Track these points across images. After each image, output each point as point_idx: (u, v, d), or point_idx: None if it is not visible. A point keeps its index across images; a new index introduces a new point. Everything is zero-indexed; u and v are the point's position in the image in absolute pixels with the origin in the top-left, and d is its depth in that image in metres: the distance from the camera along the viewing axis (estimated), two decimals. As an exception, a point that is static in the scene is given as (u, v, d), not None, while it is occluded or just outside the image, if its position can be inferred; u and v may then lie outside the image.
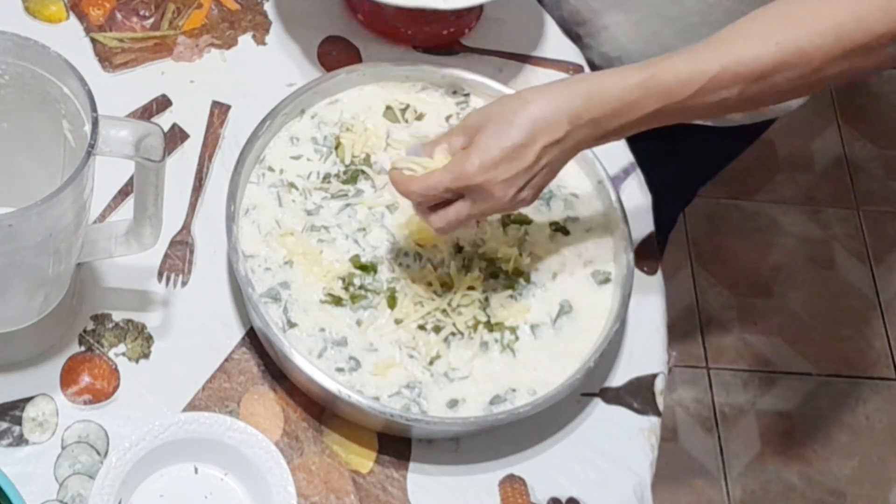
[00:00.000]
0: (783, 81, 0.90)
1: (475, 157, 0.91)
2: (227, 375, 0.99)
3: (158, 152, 0.84)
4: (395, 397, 0.95)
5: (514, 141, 0.90)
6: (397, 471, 0.97)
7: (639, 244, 1.10)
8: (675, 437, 2.03)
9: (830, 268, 2.29)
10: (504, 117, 0.92)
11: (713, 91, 0.90)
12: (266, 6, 1.21)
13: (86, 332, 0.99)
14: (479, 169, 0.91)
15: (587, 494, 0.98)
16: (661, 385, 1.05)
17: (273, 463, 0.91)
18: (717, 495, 1.99)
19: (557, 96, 0.92)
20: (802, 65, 0.89)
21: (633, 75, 0.92)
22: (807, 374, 2.15)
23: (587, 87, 0.93)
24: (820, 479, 2.03)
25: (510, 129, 0.91)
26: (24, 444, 0.94)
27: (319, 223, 1.02)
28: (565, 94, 0.92)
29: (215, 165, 1.10)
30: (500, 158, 0.91)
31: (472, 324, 0.99)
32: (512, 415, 0.95)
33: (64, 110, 0.86)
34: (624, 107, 0.91)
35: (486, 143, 0.91)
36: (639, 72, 0.92)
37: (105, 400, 0.97)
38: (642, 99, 0.91)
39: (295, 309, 0.98)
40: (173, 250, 1.04)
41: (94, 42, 1.15)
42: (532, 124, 0.91)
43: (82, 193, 0.83)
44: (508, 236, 1.05)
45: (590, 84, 0.93)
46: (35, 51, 0.84)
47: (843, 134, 2.46)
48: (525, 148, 0.91)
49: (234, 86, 1.15)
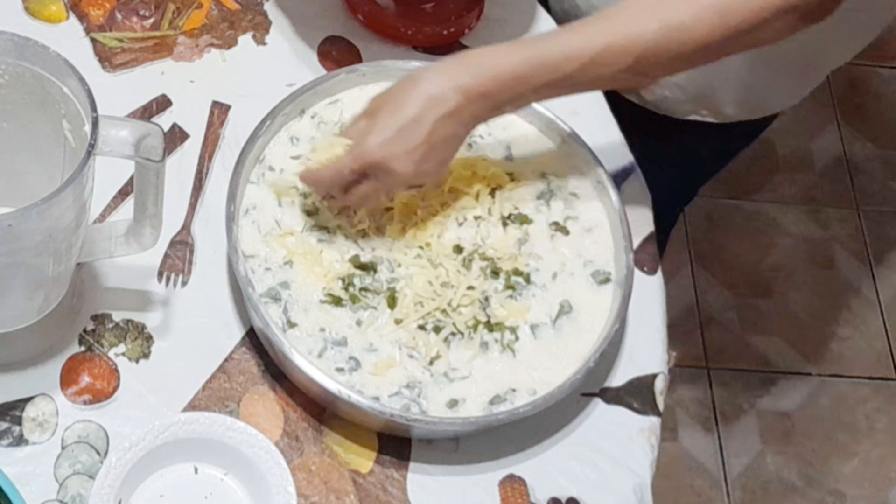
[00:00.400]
0: (672, 57, 0.93)
1: (372, 136, 0.96)
2: (227, 375, 0.99)
3: (158, 152, 0.84)
4: (395, 397, 0.95)
5: (407, 116, 0.95)
6: (397, 471, 0.97)
7: (639, 244, 1.10)
8: (675, 437, 2.03)
9: (830, 268, 2.29)
10: (398, 95, 0.96)
11: (602, 65, 0.93)
12: (266, 6, 1.21)
13: (86, 332, 0.99)
14: (377, 147, 0.95)
15: (587, 494, 0.98)
16: (661, 385, 1.05)
17: (273, 463, 0.91)
18: (717, 495, 1.99)
19: (447, 71, 0.96)
20: (688, 41, 0.92)
21: (521, 50, 0.96)
22: (807, 374, 2.15)
23: (476, 62, 0.96)
24: (820, 479, 2.03)
25: (404, 106, 0.95)
26: (24, 444, 0.94)
27: (319, 223, 1.02)
28: (455, 70, 0.96)
29: (215, 165, 1.10)
30: (396, 134, 0.95)
31: (472, 324, 0.99)
32: (512, 415, 0.95)
33: (64, 110, 0.86)
34: (513, 81, 0.94)
35: (383, 122, 0.96)
36: (527, 47, 0.96)
37: (105, 400, 0.97)
38: (531, 73, 0.94)
39: (295, 309, 0.98)
40: (173, 250, 1.04)
41: (94, 42, 1.15)
42: (424, 99, 0.95)
43: (82, 193, 0.83)
44: (508, 236, 1.05)
45: (479, 59, 0.97)
46: (35, 51, 0.84)
47: (843, 134, 2.46)
48: (418, 123, 0.94)
49: (234, 86, 1.15)
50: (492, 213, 1.05)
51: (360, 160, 0.96)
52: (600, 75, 0.94)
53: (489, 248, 1.03)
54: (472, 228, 1.04)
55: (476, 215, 1.05)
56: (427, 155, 0.96)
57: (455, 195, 1.06)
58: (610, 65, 0.93)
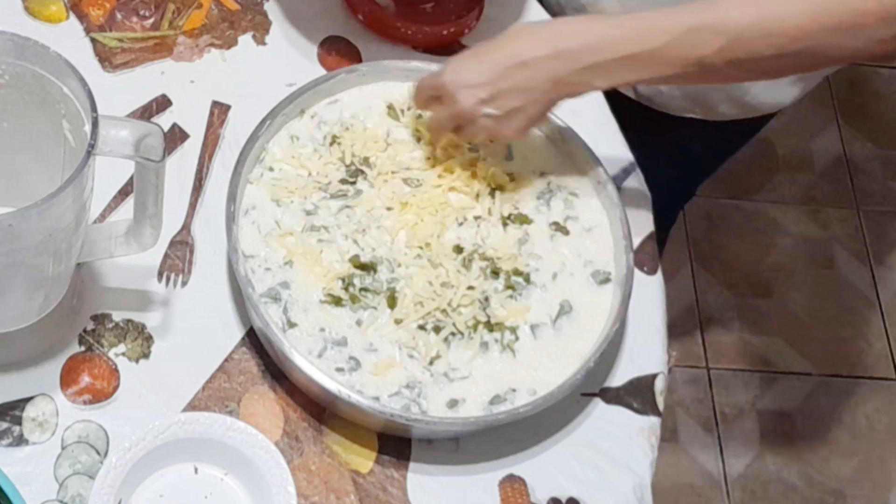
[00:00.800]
0: (764, 48, 0.91)
1: (450, 62, 1.00)
2: (227, 375, 0.99)
3: (158, 152, 0.84)
4: (395, 397, 0.95)
5: (487, 54, 0.97)
6: (397, 471, 0.97)
7: (639, 244, 1.10)
8: (675, 437, 2.03)
9: (830, 268, 2.29)
10: (495, 39, 0.99)
11: (690, 45, 0.92)
12: (266, 6, 1.21)
13: (86, 332, 0.99)
14: (449, 70, 0.99)
15: (587, 494, 0.98)
16: (661, 385, 1.05)
17: (273, 463, 0.91)
18: (717, 495, 1.99)
19: (539, 27, 0.98)
20: (780, 33, 0.90)
21: (612, 19, 0.97)
22: (807, 374, 2.15)
23: (576, 22, 0.99)
24: (820, 479, 2.04)
25: (491, 48, 0.98)
26: (24, 444, 0.94)
27: (319, 223, 1.02)
28: (546, 27, 0.99)
29: (215, 165, 1.10)
30: (470, 66, 0.98)
31: (472, 324, 0.99)
32: (512, 415, 0.95)
33: (64, 110, 0.86)
34: (600, 42, 0.94)
35: (467, 53, 1.00)
36: (618, 18, 0.96)
37: (105, 400, 0.97)
38: (619, 39, 0.94)
39: (295, 309, 0.98)
40: (173, 250, 1.04)
41: (94, 42, 1.15)
42: (506, 43, 0.97)
43: (82, 193, 0.83)
44: (508, 236, 1.05)
45: (572, 21, 0.99)
46: (35, 51, 0.84)
47: (842, 134, 2.47)
48: (494, 62, 0.97)
49: (234, 86, 1.15)
50: (492, 213, 1.05)
51: (432, 79, 1.01)
52: (688, 56, 0.93)
53: (489, 248, 1.03)
54: (472, 228, 1.04)
55: (476, 215, 1.05)
56: (492, 97, 0.97)
57: (455, 195, 1.06)
58: (699, 46, 0.92)
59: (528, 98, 0.97)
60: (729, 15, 0.91)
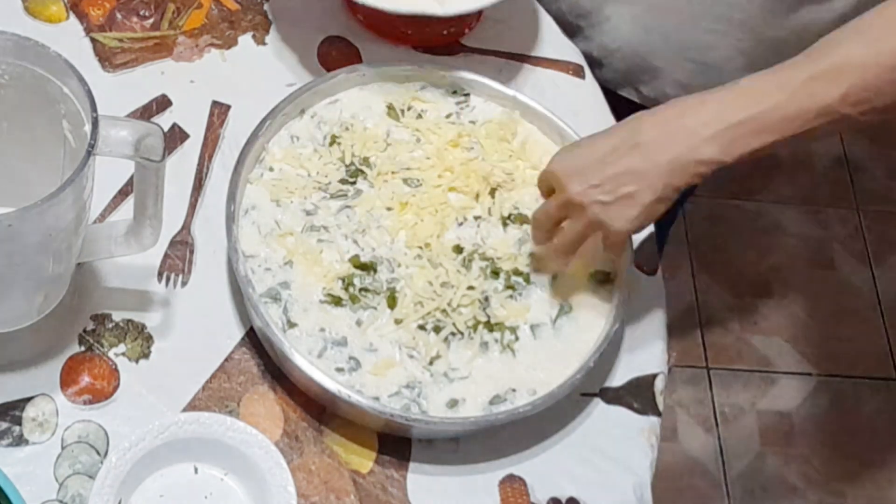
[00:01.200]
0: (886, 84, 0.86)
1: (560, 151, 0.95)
2: (227, 375, 0.99)
3: (158, 152, 0.84)
4: (394, 397, 0.95)
5: (598, 138, 0.92)
6: (397, 471, 0.97)
7: (639, 244, 1.10)
8: (675, 437, 2.03)
9: (830, 268, 2.29)
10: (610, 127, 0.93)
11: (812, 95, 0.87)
12: (266, 6, 1.21)
13: (86, 332, 0.99)
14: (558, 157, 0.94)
15: (587, 494, 0.98)
16: (661, 385, 1.05)
17: (273, 463, 0.91)
18: (717, 495, 1.99)
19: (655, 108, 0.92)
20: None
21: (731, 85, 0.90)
22: (807, 374, 2.15)
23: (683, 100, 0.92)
24: (820, 479, 2.03)
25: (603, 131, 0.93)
26: (24, 444, 0.94)
27: (319, 223, 1.02)
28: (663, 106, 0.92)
29: (215, 165, 1.10)
30: (581, 152, 0.93)
31: (472, 324, 0.99)
32: (512, 415, 0.95)
33: (64, 110, 0.86)
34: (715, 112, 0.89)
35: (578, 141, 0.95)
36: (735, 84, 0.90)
37: (105, 400, 0.97)
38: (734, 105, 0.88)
39: (295, 309, 0.98)
40: (173, 250, 1.04)
41: (94, 42, 1.15)
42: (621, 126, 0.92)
43: (82, 193, 0.83)
44: (508, 236, 1.05)
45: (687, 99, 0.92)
46: (35, 51, 0.84)
47: (843, 134, 2.46)
48: (606, 146, 0.91)
49: (234, 86, 1.15)
50: (492, 213, 1.05)
51: (543, 172, 0.96)
52: (810, 107, 0.87)
53: (489, 248, 1.03)
54: (472, 228, 1.04)
55: (476, 215, 1.05)
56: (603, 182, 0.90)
57: (455, 195, 1.06)
58: (820, 94, 0.86)
59: (642, 182, 0.89)
60: (844, 57, 0.86)
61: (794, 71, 0.88)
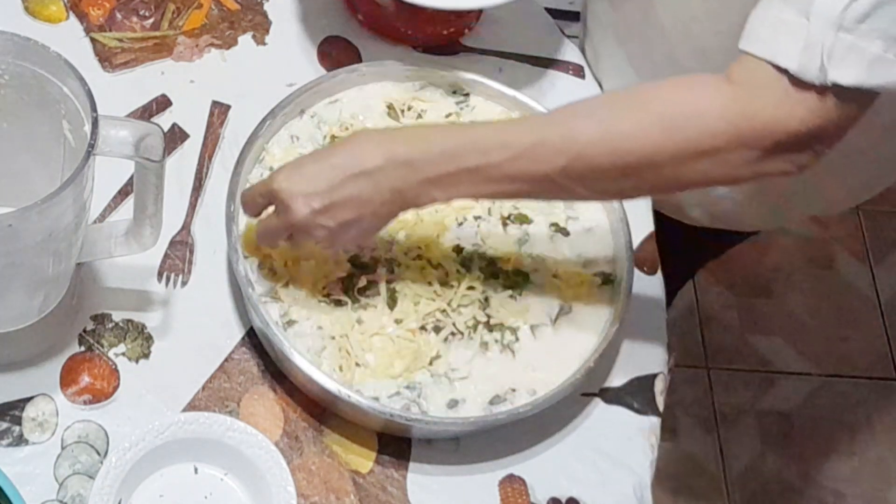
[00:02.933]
0: (611, 166, 0.85)
1: (285, 168, 0.93)
2: (227, 375, 0.99)
3: (158, 152, 0.84)
4: (394, 397, 0.95)
5: (324, 162, 0.91)
6: (397, 471, 0.97)
7: (639, 244, 1.10)
8: (675, 437, 2.03)
9: (830, 268, 2.29)
10: (334, 145, 0.94)
11: (534, 161, 0.86)
12: (266, 6, 1.21)
13: (86, 332, 0.99)
14: (283, 178, 0.91)
15: (587, 494, 0.98)
16: (661, 385, 1.05)
17: (273, 463, 0.91)
18: (717, 495, 1.99)
19: (380, 135, 0.93)
20: (629, 151, 0.84)
21: (455, 129, 0.93)
22: (807, 374, 2.15)
23: (410, 132, 0.95)
24: (820, 479, 2.03)
25: (328, 154, 0.92)
26: (24, 444, 0.94)
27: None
28: (387, 135, 0.93)
29: (215, 165, 1.10)
30: (305, 174, 0.91)
31: (471, 324, 0.99)
32: (512, 415, 0.95)
33: (64, 110, 0.86)
34: (441, 156, 0.88)
35: (303, 159, 0.93)
36: (462, 129, 0.92)
37: (105, 400, 0.97)
38: (461, 151, 0.88)
39: (295, 309, 0.98)
40: (173, 250, 1.04)
41: (94, 42, 1.15)
42: (345, 149, 0.91)
43: (82, 193, 0.83)
44: (508, 236, 1.05)
45: (413, 130, 0.95)
46: (35, 51, 0.84)
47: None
48: (331, 170, 0.90)
49: (234, 86, 1.15)
50: (492, 213, 1.05)
51: (264, 185, 0.94)
52: (531, 172, 0.86)
53: (489, 248, 1.03)
54: (472, 228, 1.04)
55: (476, 215, 1.05)
56: (327, 208, 0.89)
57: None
58: (542, 161, 0.86)
59: (365, 209, 0.90)
60: (573, 131, 0.85)
61: (523, 131, 0.88)
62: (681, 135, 0.82)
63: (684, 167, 0.83)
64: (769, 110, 0.80)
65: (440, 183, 0.89)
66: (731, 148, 0.81)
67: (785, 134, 0.80)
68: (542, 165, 0.86)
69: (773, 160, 0.82)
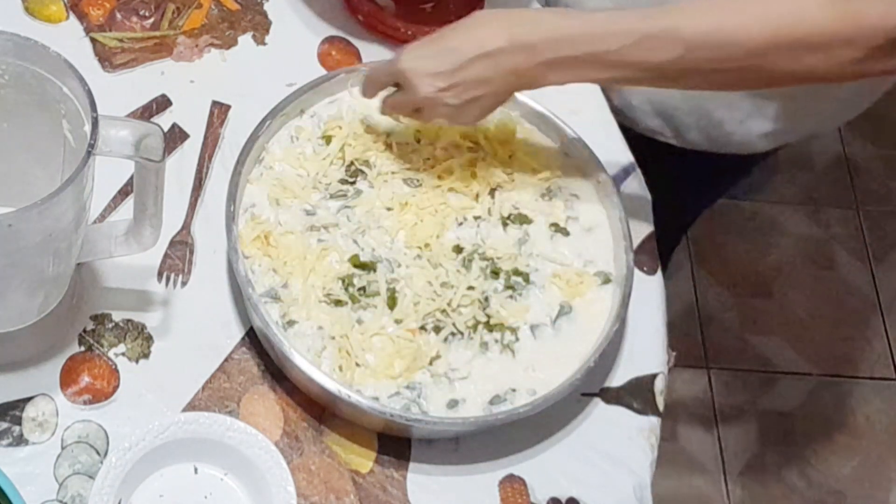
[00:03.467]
0: (719, 59, 0.90)
1: (409, 48, 0.99)
2: (227, 375, 0.99)
3: (158, 152, 0.84)
4: (394, 397, 0.95)
5: (447, 43, 0.97)
6: (397, 471, 0.97)
7: (639, 244, 1.10)
8: (675, 437, 2.03)
9: (830, 268, 2.29)
10: (454, 26, 0.98)
11: (648, 49, 0.91)
12: (266, 6, 1.21)
13: (86, 332, 0.99)
14: (407, 58, 0.98)
15: (587, 494, 0.98)
16: (661, 385, 1.05)
17: (273, 463, 0.91)
18: (717, 495, 1.99)
19: (502, 17, 0.97)
20: (736, 44, 0.89)
21: (574, 15, 0.96)
22: (807, 374, 2.15)
23: (531, 15, 0.99)
24: (820, 479, 2.03)
25: (451, 35, 0.97)
26: (23, 444, 0.94)
27: (319, 223, 1.02)
28: (509, 17, 0.97)
29: (215, 165, 1.10)
30: (430, 54, 0.97)
31: (471, 324, 0.99)
32: (512, 415, 0.95)
33: (64, 110, 0.86)
34: (561, 41, 0.93)
35: (427, 41, 0.99)
36: (581, 15, 0.96)
37: (105, 400, 0.97)
38: (580, 36, 0.93)
39: (295, 309, 0.98)
40: (173, 250, 1.04)
41: (94, 42, 1.15)
42: (468, 31, 0.97)
43: (82, 193, 0.83)
44: (508, 236, 1.05)
45: (534, 14, 1.00)
46: (35, 51, 0.84)
47: (843, 134, 2.46)
48: (454, 51, 0.96)
49: (234, 86, 1.15)
50: (492, 213, 1.05)
51: (391, 65, 1.00)
52: (646, 60, 0.92)
53: (489, 248, 1.03)
54: (472, 228, 1.04)
55: (476, 215, 1.05)
56: (451, 87, 0.96)
57: (455, 195, 1.06)
58: (656, 51, 0.91)
59: (487, 89, 0.97)
60: (687, 23, 0.90)
61: (640, 21, 0.92)
62: (791, 32, 0.87)
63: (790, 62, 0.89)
64: (878, 8, 0.85)
65: (558, 66, 0.94)
66: (839, 45, 0.87)
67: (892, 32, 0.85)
68: (656, 56, 0.91)
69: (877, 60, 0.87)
